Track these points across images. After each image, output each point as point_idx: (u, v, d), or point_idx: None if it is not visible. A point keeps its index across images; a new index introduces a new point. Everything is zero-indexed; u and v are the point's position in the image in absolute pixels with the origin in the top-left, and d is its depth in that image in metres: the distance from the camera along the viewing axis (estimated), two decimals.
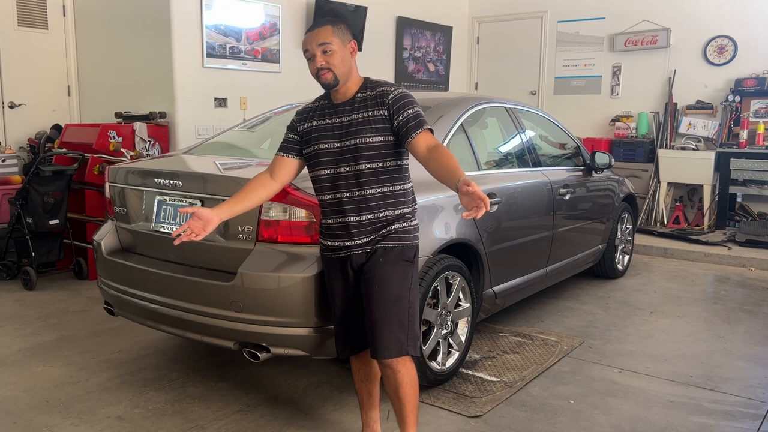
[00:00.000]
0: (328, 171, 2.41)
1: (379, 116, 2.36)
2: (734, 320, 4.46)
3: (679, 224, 7.47)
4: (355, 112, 2.39)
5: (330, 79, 2.37)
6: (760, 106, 7.19)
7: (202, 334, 2.92)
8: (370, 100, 2.40)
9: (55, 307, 4.57)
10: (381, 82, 2.46)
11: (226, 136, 4.06)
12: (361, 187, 2.37)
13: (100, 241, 3.39)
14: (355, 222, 2.39)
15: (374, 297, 2.37)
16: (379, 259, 2.39)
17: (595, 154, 4.92)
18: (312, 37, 2.38)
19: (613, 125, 8.21)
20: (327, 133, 2.43)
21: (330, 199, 2.42)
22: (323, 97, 2.54)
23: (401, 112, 2.34)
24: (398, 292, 2.39)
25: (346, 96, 2.44)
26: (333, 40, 2.36)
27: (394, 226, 2.40)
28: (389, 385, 2.44)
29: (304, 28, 6.90)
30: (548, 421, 2.95)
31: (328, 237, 2.47)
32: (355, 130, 2.37)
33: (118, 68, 6.38)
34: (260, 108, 5.61)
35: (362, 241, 2.40)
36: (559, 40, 8.65)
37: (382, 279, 2.37)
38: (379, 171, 2.37)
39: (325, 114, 2.46)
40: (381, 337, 2.35)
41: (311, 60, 2.38)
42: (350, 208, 2.38)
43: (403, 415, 2.47)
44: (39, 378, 3.38)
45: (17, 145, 6.33)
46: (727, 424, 2.95)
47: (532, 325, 4.28)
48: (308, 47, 2.39)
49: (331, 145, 2.41)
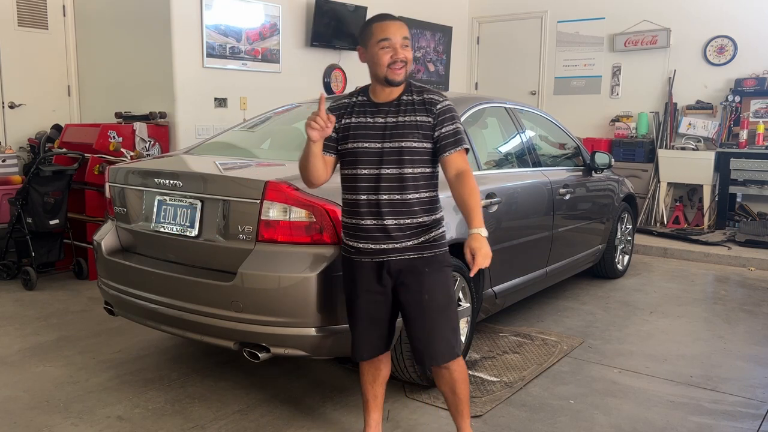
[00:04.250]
0: (366, 171, 2.36)
1: (426, 123, 2.35)
2: (734, 320, 4.46)
3: (679, 224, 7.47)
4: (401, 115, 2.36)
5: (403, 75, 2.34)
6: (760, 106, 7.19)
7: (202, 334, 2.92)
8: (417, 104, 2.37)
9: (55, 307, 4.57)
10: (426, 88, 2.44)
11: (226, 136, 4.06)
12: (403, 190, 2.34)
13: (100, 241, 3.39)
14: (394, 225, 2.35)
15: (424, 306, 2.38)
16: (425, 269, 2.38)
17: (595, 154, 4.92)
18: (396, 27, 2.34)
19: (613, 125, 8.21)
20: (368, 132, 2.37)
21: (366, 200, 2.37)
22: (359, 93, 2.47)
23: (445, 124, 2.35)
24: (446, 299, 2.43)
25: (390, 97, 2.39)
26: (410, 38, 2.36)
27: (432, 233, 2.40)
28: (444, 384, 2.49)
29: (304, 28, 6.91)
30: (548, 421, 2.95)
31: (360, 239, 2.40)
32: (401, 133, 2.33)
33: (118, 68, 6.38)
34: (260, 108, 5.61)
35: (401, 246, 2.37)
36: (559, 40, 8.65)
37: (430, 289, 2.38)
38: (419, 176, 2.36)
39: (366, 112, 2.40)
40: (436, 345, 2.40)
41: (387, 49, 2.31)
42: (389, 211, 2.35)
43: (460, 409, 2.53)
44: (39, 378, 3.38)
45: (17, 145, 6.33)
46: (727, 424, 2.95)
47: (532, 325, 4.28)
48: (390, 36, 2.32)
49: (372, 145, 2.36)
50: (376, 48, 2.33)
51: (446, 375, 2.47)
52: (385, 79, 2.35)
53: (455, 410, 2.55)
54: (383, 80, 2.36)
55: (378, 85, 2.40)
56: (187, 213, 3.01)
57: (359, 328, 2.50)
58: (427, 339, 2.41)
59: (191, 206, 3.00)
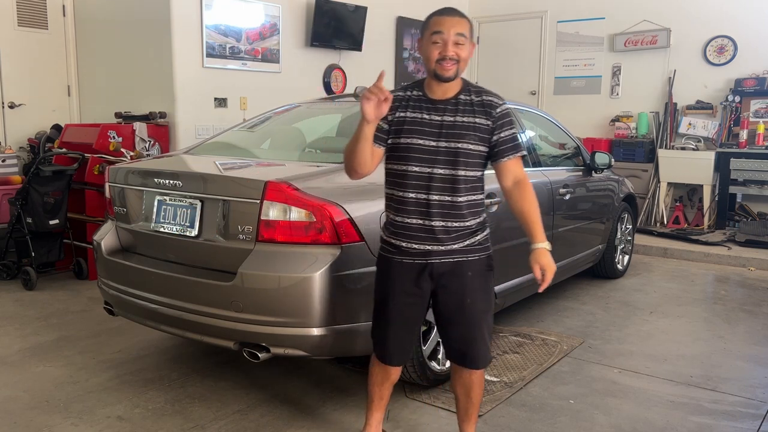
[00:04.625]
0: (418, 169, 2.30)
1: (485, 126, 2.30)
2: (734, 320, 4.46)
3: (679, 224, 7.47)
4: (459, 114, 2.30)
5: (453, 72, 2.26)
6: (760, 106, 7.18)
7: (202, 334, 2.92)
8: (476, 105, 2.31)
9: (55, 307, 4.57)
10: (484, 89, 2.38)
11: (226, 136, 4.06)
12: (454, 192, 2.29)
13: (100, 241, 3.39)
14: (441, 227, 2.31)
15: (466, 310, 2.37)
16: (468, 272, 2.35)
17: (595, 154, 4.92)
18: (451, 22, 2.26)
19: (613, 125, 8.21)
20: (424, 128, 2.30)
21: (414, 199, 2.31)
22: (413, 87, 2.39)
23: (504, 129, 2.32)
24: (487, 303, 2.42)
25: (446, 94, 2.33)
26: (467, 35, 2.28)
27: (478, 236, 2.38)
28: (461, 386, 2.49)
29: (304, 28, 6.91)
30: (548, 421, 2.95)
31: (404, 237, 2.34)
32: (459, 134, 2.28)
33: (118, 68, 6.38)
34: (260, 108, 5.61)
35: (446, 248, 2.33)
36: (559, 40, 8.65)
37: (473, 292, 2.36)
38: (470, 179, 2.33)
39: (422, 108, 2.33)
40: (477, 349, 2.40)
41: (438, 44, 2.25)
42: (438, 212, 2.30)
43: (469, 413, 2.54)
44: (39, 378, 3.38)
45: (17, 145, 6.33)
46: (727, 424, 2.95)
47: (532, 325, 4.28)
48: (443, 29, 2.25)
49: (427, 143, 2.29)
50: (428, 41, 2.28)
51: (466, 377, 2.47)
52: (434, 74, 2.28)
53: (464, 413, 2.55)
54: (432, 75, 2.29)
55: (432, 80, 2.33)
56: (187, 213, 3.01)
57: (391, 330, 2.42)
58: (469, 342, 2.40)
59: (191, 206, 3.00)
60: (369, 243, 2.78)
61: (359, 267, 2.76)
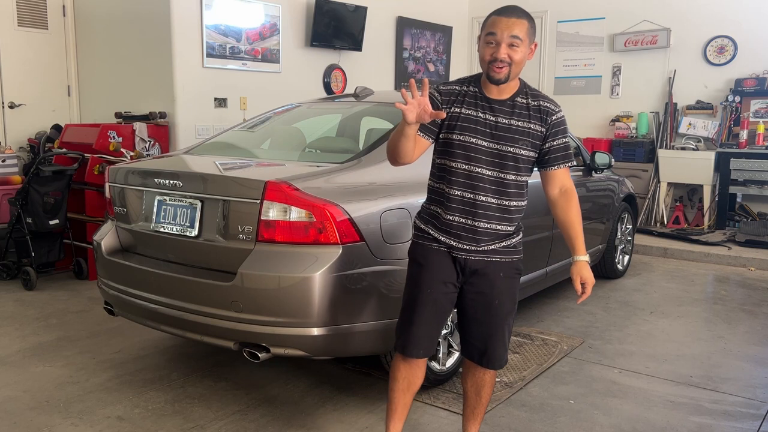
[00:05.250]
0: (466, 167, 2.26)
1: (539, 132, 2.28)
2: (734, 320, 4.46)
3: (679, 224, 7.47)
4: (515, 118, 2.27)
5: (504, 75, 2.21)
6: (760, 106, 7.19)
7: (202, 334, 2.92)
8: (533, 110, 2.28)
9: (55, 307, 4.57)
10: (541, 94, 2.35)
11: (226, 136, 4.06)
12: (501, 195, 2.27)
13: (100, 241, 3.39)
14: (484, 228, 2.29)
15: (492, 311, 2.36)
16: (499, 273, 2.34)
17: (595, 154, 4.92)
18: (506, 23, 2.19)
19: (613, 125, 8.21)
20: (478, 127, 2.26)
21: (460, 197, 2.28)
22: (470, 82, 2.33)
23: (557, 137, 2.30)
24: (512, 306, 2.42)
25: (503, 95, 2.29)
26: (524, 37, 2.21)
27: (514, 239, 2.37)
28: (473, 384, 2.49)
29: (304, 28, 6.91)
30: (548, 421, 2.95)
31: (443, 232, 2.32)
32: (512, 138, 2.25)
33: (118, 68, 6.38)
34: (260, 108, 5.61)
35: (484, 249, 2.31)
36: (559, 40, 8.65)
37: (501, 293, 2.35)
38: (520, 184, 2.31)
39: (478, 105, 2.28)
40: (497, 349, 2.40)
41: (492, 45, 2.20)
42: (484, 213, 2.27)
43: (476, 413, 2.54)
44: (39, 378, 3.38)
45: (17, 145, 6.33)
46: (727, 424, 2.95)
47: (532, 325, 4.28)
48: (496, 31, 2.19)
49: (479, 142, 2.25)
50: (484, 41, 2.24)
51: (480, 376, 2.47)
52: (487, 75, 2.25)
53: (471, 412, 2.54)
54: (486, 75, 2.26)
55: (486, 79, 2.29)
56: (187, 213, 3.01)
57: (422, 319, 2.35)
58: (489, 342, 2.40)
59: (191, 206, 3.00)
60: (369, 243, 2.79)
61: (359, 267, 2.77)
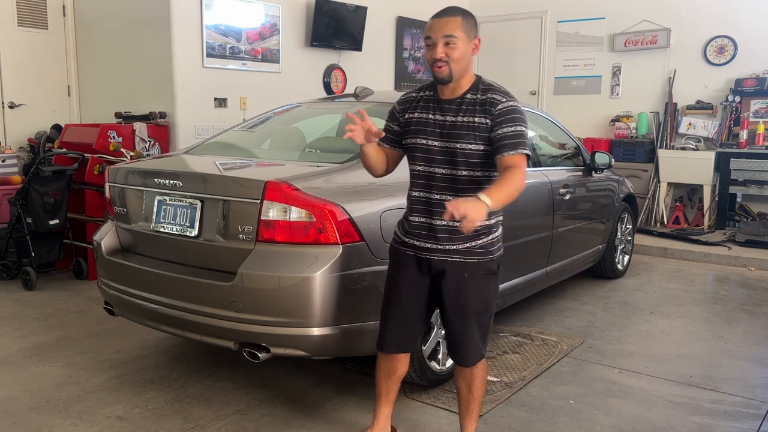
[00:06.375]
0: (421, 168, 2.35)
1: (485, 125, 2.27)
2: (734, 320, 4.46)
3: (679, 224, 7.47)
4: (461, 114, 2.30)
5: (445, 73, 2.27)
6: (760, 106, 7.18)
7: (202, 335, 2.92)
8: (478, 104, 2.30)
9: (55, 307, 4.57)
10: (494, 87, 2.35)
11: (226, 136, 4.06)
12: (456, 192, 2.29)
13: (100, 241, 3.39)
14: (442, 227, 2.32)
15: (458, 311, 2.39)
16: (464, 273, 2.35)
17: (595, 154, 4.92)
18: (439, 25, 2.27)
19: (613, 125, 8.21)
20: (428, 129, 2.34)
21: (419, 197, 2.37)
22: (428, 88, 2.43)
23: (504, 125, 2.25)
24: (482, 305, 2.42)
25: (455, 93, 2.34)
26: (459, 34, 2.26)
27: (481, 240, 2.37)
28: (463, 380, 2.51)
29: (304, 28, 6.91)
30: (548, 421, 2.95)
31: (410, 235, 2.41)
32: (459, 134, 2.29)
33: (118, 68, 6.38)
34: (260, 108, 5.61)
35: (445, 248, 2.34)
36: (559, 40, 8.65)
37: (467, 294, 2.37)
38: (476, 180, 2.32)
39: (430, 108, 2.36)
40: (466, 348, 2.43)
41: (431, 48, 2.28)
42: (439, 212, 2.30)
43: (471, 409, 2.55)
44: (39, 378, 3.38)
45: (17, 145, 6.33)
46: (727, 424, 2.95)
47: (532, 325, 4.28)
48: (431, 34, 2.27)
49: (431, 142, 2.33)
50: (424, 46, 2.33)
51: (467, 372, 2.49)
52: (433, 76, 2.32)
53: (466, 408, 2.56)
54: (432, 77, 2.33)
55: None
56: (187, 213, 3.01)
57: (391, 318, 2.49)
58: (459, 341, 2.43)
59: (191, 206, 3.00)
60: (369, 243, 2.79)
61: (359, 267, 2.77)
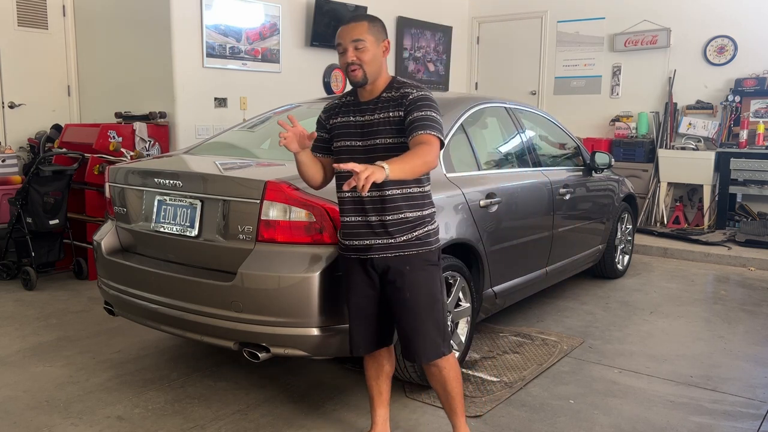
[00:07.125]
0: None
1: (398, 117, 2.35)
2: (734, 320, 4.46)
3: (679, 224, 7.47)
4: (377, 112, 2.39)
5: (359, 76, 2.36)
6: (760, 106, 7.18)
7: (202, 334, 2.92)
8: (393, 100, 2.38)
9: (55, 307, 4.57)
10: (407, 83, 2.43)
11: (226, 136, 4.06)
12: (382, 186, 2.32)
13: (100, 241, 3.39)
14: (377, 221, 2.37)
15: (406, 305, 2.40)
16: (405, 267, 2.39)
17: (595, 154, 4.92)
18: (346, 31, 2.38)
19: (613, 125, 8.21)
20: (350, 130, 2.43)
21: (350, 197, 2.41)
22: (350, 93, 2.54)
23: (414, 112, 2.30)
24: (430, 297, 2.43)
25: (373, 94, 2.43)
26: (367, 37, 2.36)
27: (416, 232, 2.40)
28: (435, 382, 2.51)
29: (304, 28, 6.91)
30: (548, 421, 2.95)
31: (349, 236, 2.44)
32: (376, 131, 2.37)
33: (118, 68, 6.38)
34: (260, 108, 5.61)
35: (385, 243, 2.38)
36: (559, 40, 8.65)
37: (411, 287, 2.39)
38: None
39: (350, 111, 2.46)
40: (418, 343, 2.42)
41: (342, 54, 2.37)
42: (372, 208, 2.37)
43: (453, 407, 2.55)
44: (39, 378, 3.38)
45: (17, 145, 6.33)
46: (727, 424, 2.95)
47: (532, 325, 4.28)
48: (341, 41, 2.38)
49: (354, 143, 2.42)
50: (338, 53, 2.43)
51: (436, 372, 2.49)
52: (349, 81, 2.42)
53: (449, 408, 2.57)
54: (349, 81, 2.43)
55: None
56: (187, 213, 3.01)
57: (353, 322, 2.54)
58: (410, 337, 2.43)
59: (191, 206, 3.00)
60: None
61: None
